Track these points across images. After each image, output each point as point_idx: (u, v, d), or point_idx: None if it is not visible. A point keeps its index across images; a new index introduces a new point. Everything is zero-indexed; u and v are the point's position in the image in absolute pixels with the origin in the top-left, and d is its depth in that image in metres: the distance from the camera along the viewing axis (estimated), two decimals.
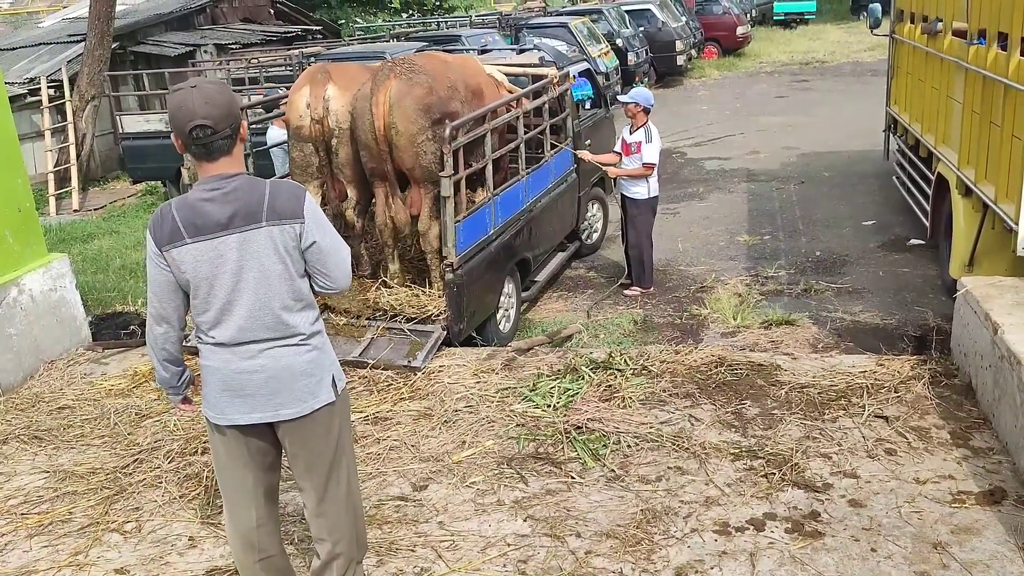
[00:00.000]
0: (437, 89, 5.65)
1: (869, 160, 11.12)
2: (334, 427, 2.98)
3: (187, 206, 2.75)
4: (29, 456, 4.81)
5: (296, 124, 5.88)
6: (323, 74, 5.89)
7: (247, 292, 2.77)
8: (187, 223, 2.73)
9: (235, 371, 2.84)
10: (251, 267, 2.76)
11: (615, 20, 19.04)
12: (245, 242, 2.74)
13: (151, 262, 2.82)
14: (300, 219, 2.78)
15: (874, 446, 4.29)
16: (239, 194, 2.74)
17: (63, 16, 21.84)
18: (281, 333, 2.84)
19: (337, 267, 2.91)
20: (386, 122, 5.50)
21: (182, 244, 2.73)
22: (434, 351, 5.56)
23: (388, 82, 5.55)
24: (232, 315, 2.79)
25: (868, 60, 21.53)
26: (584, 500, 4.03)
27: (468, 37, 14.40)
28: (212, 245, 2.73)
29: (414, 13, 26.15)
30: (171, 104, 2.69)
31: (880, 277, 7.44)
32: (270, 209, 2.75)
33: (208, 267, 2.74)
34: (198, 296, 2.80)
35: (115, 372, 5.85)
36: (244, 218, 2.73)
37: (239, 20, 20.12)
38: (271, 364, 2.83)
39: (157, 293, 2.85)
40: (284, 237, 2.77)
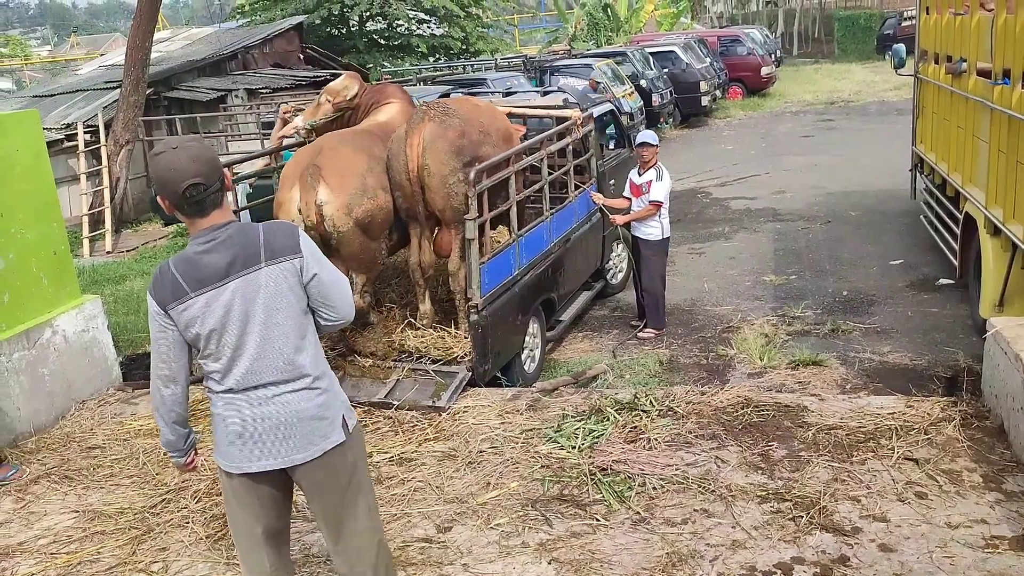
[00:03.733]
0: (469, 132, 5.78)
1: (896, 199, 11.07)
2: (346, 466, 2.99)
3: (185, 261, 2.78)
4: (59, 496, 4.87)
5: None
6: (313, 174, 5.44)
7: (254, 335, 2.79)
8: (188, 278, 2.75)
9: (245, 418, 2.86)
10: (257, 309, 2.78)
11: (639, 62, 19.21)
12: (248, 285, 2.77)
13: (155, 323, 2.83)
14: (298, 254, 2.82)
15: (904, 489, 4.22)
16: (234, 240, 2.78)
17: (100, 63, 22.45)
18: (289, 375, 2.85)
19: (340, 298, 2.93)
20: (419, 163, 5.62)
21: (187, 299, 2.76)
22: (459, 392, 5.58)
23: (423, 125, 5.68)
24: (240, 363, 2.81)
25: (893, 99, 21.52)
26: (609, 543, 4.00)
27: (493, 80, 14.61)
28: (216, 294, 2.75)
29: (440, 57, 26.56)
30: (159, 167, 2.72)
31: (909, 317, 7.37)
32: (267, 249, 2.79)
33: (216, 318, 2.76)
34: (208, 348, 2.81)
35: (144, 412, 5.91)
36: (243, 262, 2.76)
37: (269, 65, 20.56)
38: (281, 411, 2.85)
39: (163, 354, 2.85)
40: (285, 274, 2.80)
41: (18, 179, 5.81)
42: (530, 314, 6.45)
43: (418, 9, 25.95)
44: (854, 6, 45.20)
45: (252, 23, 25.61)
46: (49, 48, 62.47)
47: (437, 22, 27.23)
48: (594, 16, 28.56)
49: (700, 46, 22.58)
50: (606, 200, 7.58)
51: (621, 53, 19.51)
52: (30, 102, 17.16)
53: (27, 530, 4.54)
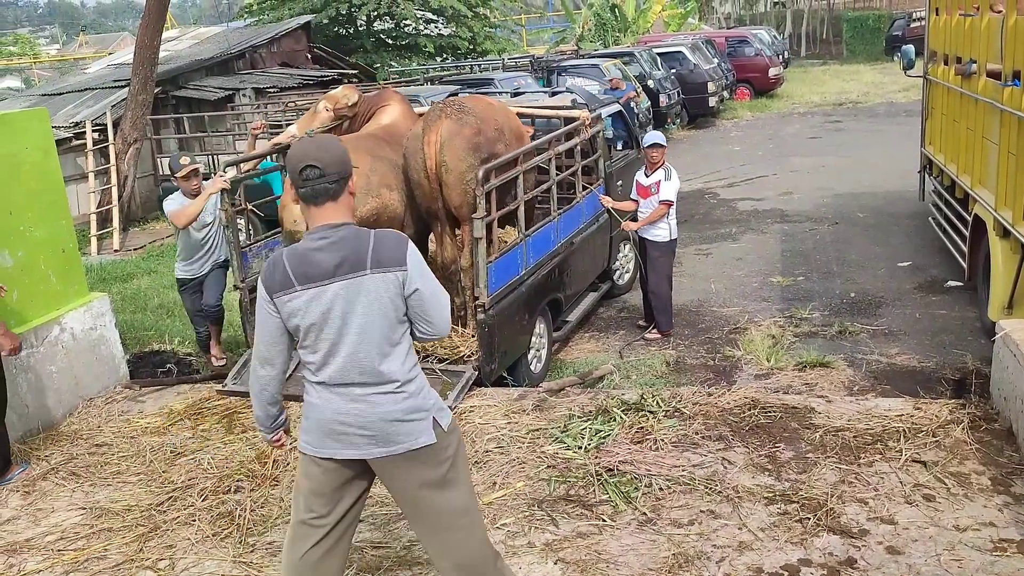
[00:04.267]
0: (485, 130, 5.81)
1: (904, 201, 11.03)
2: (437, 464, 3.02)
3: (297, 256, 2.90)
4: (67, 492, 4.88)
5: (289, 228, 5.72)
6: None
7: (350, 336, 2.89)
8: (297, 272, 2.88)
9: (334, 411, 2.95)
10: (355, 313, 2.88)
11: (647, 62, 19.19)
12: (350, 289, 2.87)
13: (261, 308, 2.97)
14: (403, 267, 2.91)
15: (912, 491, 4.21)
16: (346, 243, 2.89)
17: (108, 62, 22.52)
18: (378, 379, 2.93)
19: (438, 314, 3.00)
20: (437, 160, 5.64)
21: (292, 291, 2.88)
22: (465, 391, 5.57)
23: (440, 122, 5.70)
24: (335, 358, 2.92)
25: (902, 101, 21.46)
26: (615, 543, 3.99)
27: (501, 80, 14.61)
28: (320, 292, 2.86)
29: (448, 57, 26.57)
30: (289, 152, 2.94)
31: (917, 319, 7.35)
32: (375, 258, 2.88)
33: (316, 313, 2.88)
34: (306, 340, 2.93)
35: (151, 410, 5.93)
36: (351, 266, 2.87)
37: (277, 65, 20.59)
38: (368, 410, 2.94)
39: (264, 337, 2.99)
40: (387, 284, 2.89)
41: (27, 177, 5.83)
42: (537, 314, 6.44)
43: (425, 9, 25.96)
44: (863, 7, 45.08)
45: (260, 22, 25.65)
46: (58, 47, 62.66)
47: (444, 22, 27.24)
48: (601, 16, 28.54)
49: (708, 47, 22.55)
50: (614, 203, 7.57)
51: (628, 53, 19.50)
52: (39, 100, 17.23)
53: (34, 527, 4.55)
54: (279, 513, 4.44)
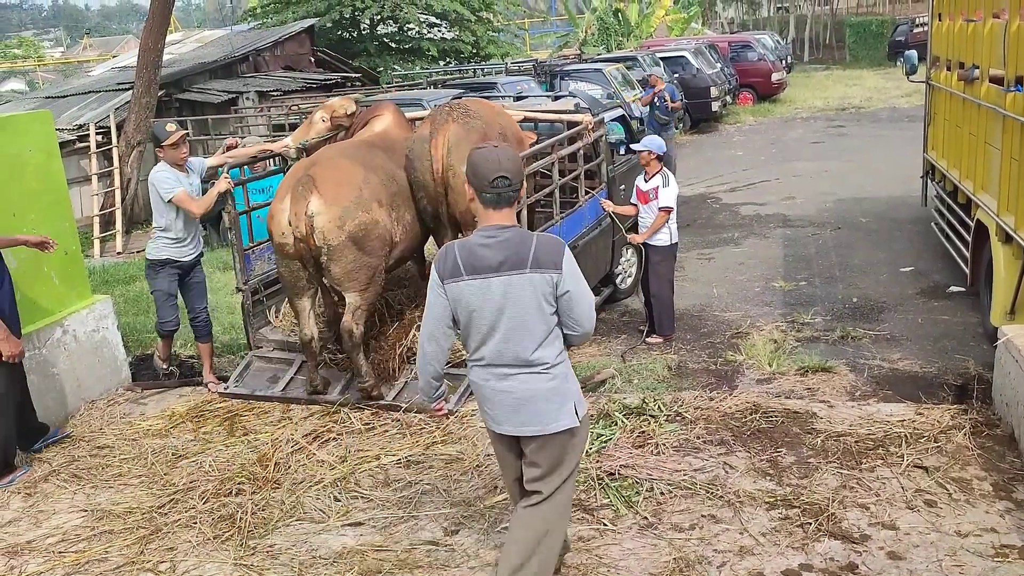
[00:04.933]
0: (490, 134, 5.80)
1: (907, 206, 11.02)
2: (568, 449, 3.40)
3: (467, 249, 3.29)
4: (68, 494, 4.89)
5: (278, 241, 5.46)
6: (306, 184, 5.29)
7: (504, 325, 3.26)
8: (466, 263, 3.26)
9: (491, 389, 3.37)
10: (511, 305, 3.24)
11: (650, 67, 19.19)
12: (510, 284, 3.23)
13: (432, 291, 3.36)
14: (559, 270, 3.24)
15: (913, 497, 4.21)
16: (510, 243, 3.25)
17: (112, 65, 22.59)
18: (528, 363, 3.30)
19: (584, 314, 3.33)
20: (444, 164, 5.65)
21: (460, 279, 3.27)
22: (467, 395, 5.57)
23: (447, 126, 5.72)
24: (490, 343, 3.30)
25: (905, 106, 21.45)
26: (616, 548, 3.99)
27: (504, 84, 14.62)
28: (484, 283, 3.24)
29: (451, 61, 26.61)
30: (478, 158, 3.29)
31: (919, 324, 7.33)
32: (534, 259, 3.22)
33: (477, 300, 3.26)
34: (469, 324, 3.32)
35: (153, 412, 5.94)
36: (513, 264, 3.22)
37: (280, 68, 20.63)
38: (519, 387, 3.31)
39: (433, 317, 3.38)
40: (543, 284, 3.23)
41: (30, 179, 5.85)
42: None
43: (429, 13, 26.01)
44: (866, 12, 45.13)
45: (263, 26, 25.73)
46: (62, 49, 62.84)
47: (448, 26, 27.28)
48: (605, 21, 28.58)
49: (711, 51, 22.56)
50: (615, 207, 7.57)
51: (632, 58, 19.51)
52: (43, 103, 17.28)
53: (36, 528, 4.56)
54: (280, 516, 4.44)
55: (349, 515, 4.42)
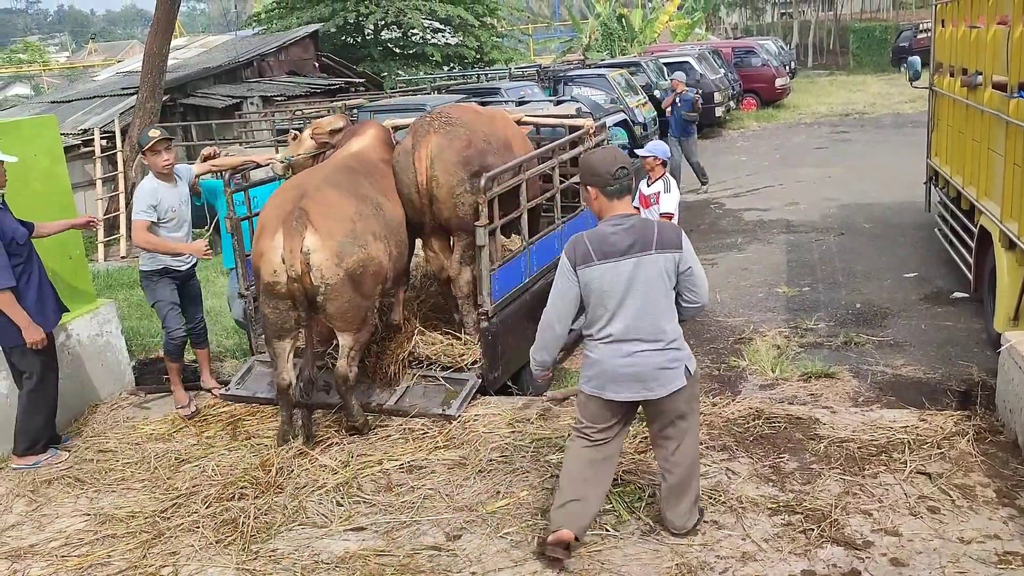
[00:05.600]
0: (475, 142, 5.74)
1: (910, 212, 11.02)
2: (686, 401, 3.86)
3: (598, 236, 3.71)
4: (71, 498, 4.89)
5: (268, 280, 4.99)
6: (300, 219, 4.90)
7: (633, 303, 3.69)
8: (596, 249, 3.68)
9: (615, 364, 3.74)
10: (640, 283, 3.68)
11: (653, 72, 19.23)
12: (639, 265, 3.67)
13: (563, 277, 3.75)
14: (680, 250, 3.73)
15: (916, 503, 4.20)
16: (636, 229, 3.71)
17: (117, 70, 22.66)
18: (654, 337, 3.72)
19: (702, 287, 3.83)
20: (428, 175, 5.62)
21: (592, 264, 3.68)
22: (469, 399, 5.58)
23: (428, 137, 5.66)
24: (617, 320, 3.71)
25: (909, 112, 21.45)
26: (619, 553, 3.98)
27: (507, 89, 14.65)
28: (614, 266, 3.67)
29: (455, 66, 26.66)
30: (594, 159, 3.78)
31: (923, 330, 7.33)
32: (659, 241, 3.69)
33: (608, 283, 3.67)
34: (597, 304, 3.71)
35: (156, 417, 5.95)
36: (639, 247, 3.68)
37: (284, 73, 20.69)
38: (642, 362, 3.73)
39: (563, 300, 3.78)
40: (667, 263, 3.71)
41: (35, 183, 5.87)
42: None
43: (433, 18, 26.07)
44: (869, 18, 45.16)
45: (268, 31, 25.79)
46: (67, 54, 63.07)
47: (452, 31, 27.35)
48: (608, 26, 28.64)
49: (714, 57, 22.59)
50: None
51: (635, 63, 19.55)
52: (48, 107, 17.34)
53: (39, 532, 4.56)
54: (283, 520, 4.44)
55: (351, 520, 4.42)
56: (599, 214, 3.82)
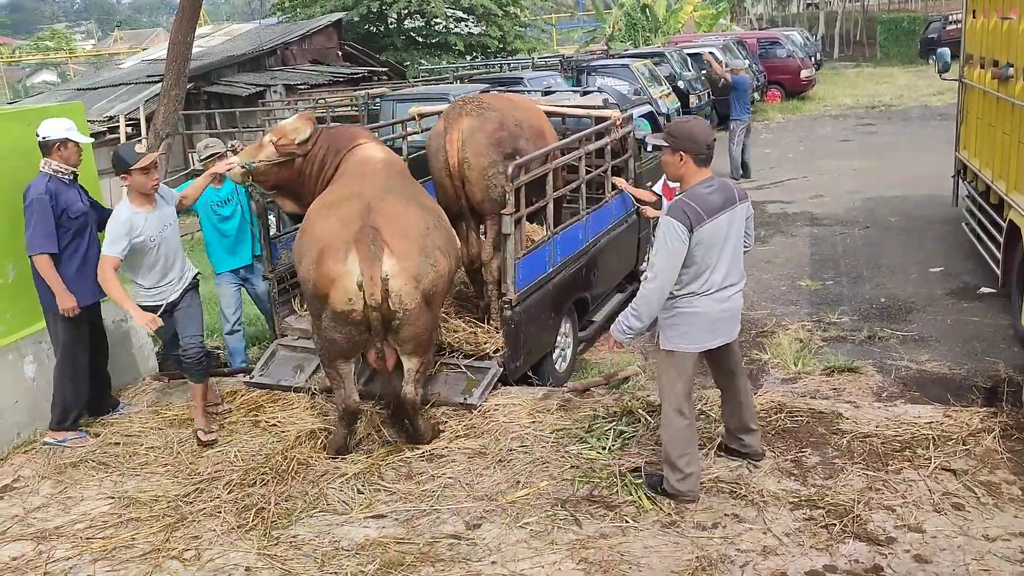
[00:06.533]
0: (507, 125, 5.80)
1: (937, 205, 10.88)
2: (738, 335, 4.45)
3: (699, 198, 4.04)
4: (96, 481, 4.95)
5: (342, 308, 4.66)
6: (375, 241, 4.61)
7: (728, 251, 4.11)
8: (704, 209, 4.00)
9: (715, 312, 4.15)
10: (733, 234, 4.12)
11: (677, 63, 19.08)
12: (732, 217, 4.10)
13: (676, 241, 3.97)
14: (747, 200, 4.25)
15: (941, 500, 4.16)
16: (722, 187, 4.14)
17: (142, 58, 22.80)
18: (739, 279, 4.23)
19: (753, 231, 4.39)
20: (459, 158, 5.65)
21: (703, 223, 3.99)
22: (490, 388, 5.57)
23: (460, 120, 5.72)
24: (718, 270, 4.10)
25: (937, 104, 21.17)
26: (639, 544, 3.97)
27: (530, 79, 14.60)
28: (715, 222, 4.03)
29: (478, 56, 26.60)
30: (694, 128, 4.10)
31: (948, 326, 7.24)
32: (739, 194, 4.18)
33: (714, 236, 4.03)
34: (703, 259, 4.04)
35: (179, 402, 5.99)
36: (729, 201, 4.10)
37: (308, 62, 20.73)
38: (734, 305, 4.24)
39: (674, 263, 4.02)
40: (744, 211, 4.20)
41: None
42: (563, 313, 6.43)
43: (456, 7, 26.01)
44: (897, 9, 44.53)
45: (292, 19, 25.85)
46: (93, 42, 63.54)
47: (475, 20, 27.28)
48: (632, 16, 28.42)
49: (739, 48, 22.37)
50: (631, 188, 7.49)
51: (659, 54, 19.39)
52: (74, 94, 17.49)
53: (64, 514, 4.62)
54: (304, 507, 4.47)
55: (372, 507, 4.44)
56: (682, 178, 4.15)
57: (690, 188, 4.08)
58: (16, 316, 5.60)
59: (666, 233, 3.99)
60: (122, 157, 5.21)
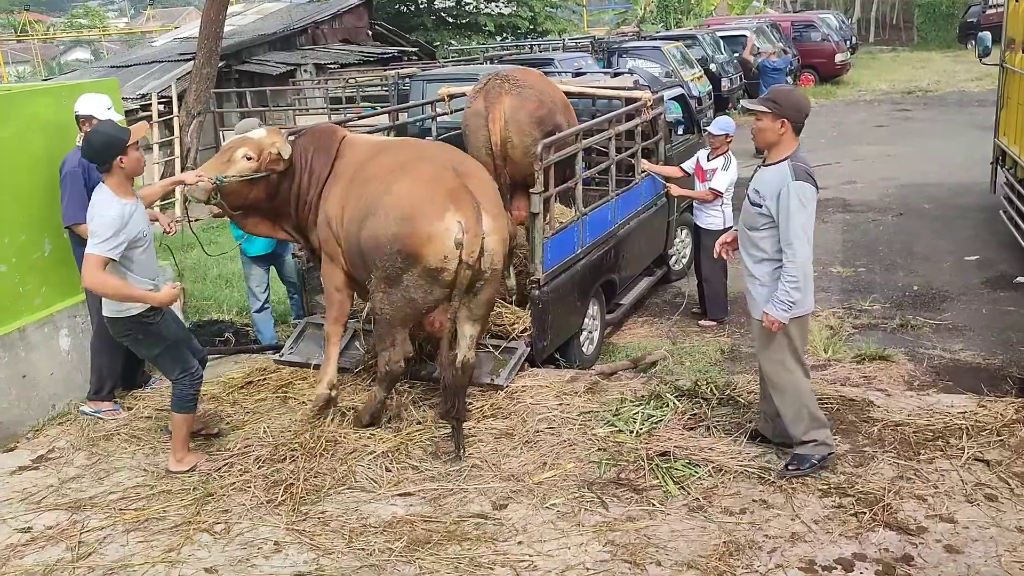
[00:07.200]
0: (545, 102, 5.86)
1: (974, 193, 10.70)
2: None
3: (806, 163, 4.19)
4: (128, 454, 5.01)
5: (436, 265, 4.53)
6: (470, 198, 4.54)
7: None
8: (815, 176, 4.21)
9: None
10: None
11: (709, 46, 18.88)
12: None
13: (812, 202, 4.15)
14: None
15: (973, 490, 4.10)
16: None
17: (174, 36, 22.91)
18: None
19: None
20: (502, 137, 5.68)
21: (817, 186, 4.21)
22: (517, 369, 5.57)
23: (502, 99, 5.75)
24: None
25: (975, 90, 20.79)
26: (665, 528, 3.97)
27: (561, 60, 14.50)
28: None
29: (508, 36, 26.47)
30: (802, 101, 4.22)
31: (983, 315, 7.13)
32: None
33: None
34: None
35: (209, 378, 6.01)
36: None
37: (338, 41, 20.74)
38: None
39: (813, 226, 4.25)
40: None
41: None
42: (591, 295, 6.41)
43: None
44: None
45: None
46: (126, 20, 63.87)
47: (505, 1, 27.13)
48: None
49: (773, 31, 22.09)
50: (656, 168, 7.42)
51: (691, 36, 19.22)
52: (107, 72, 17.61)
53: (98, 485, 4.69)
54: (332, 483, 4.50)
55: (400, 485, 4.47)
56: (776, 145, 4.21)
57: (795, 154, 4.16)
58: (52, 289, 5.68)
59: (802, 196, 4.07)
60: (112, 135, 4.39)
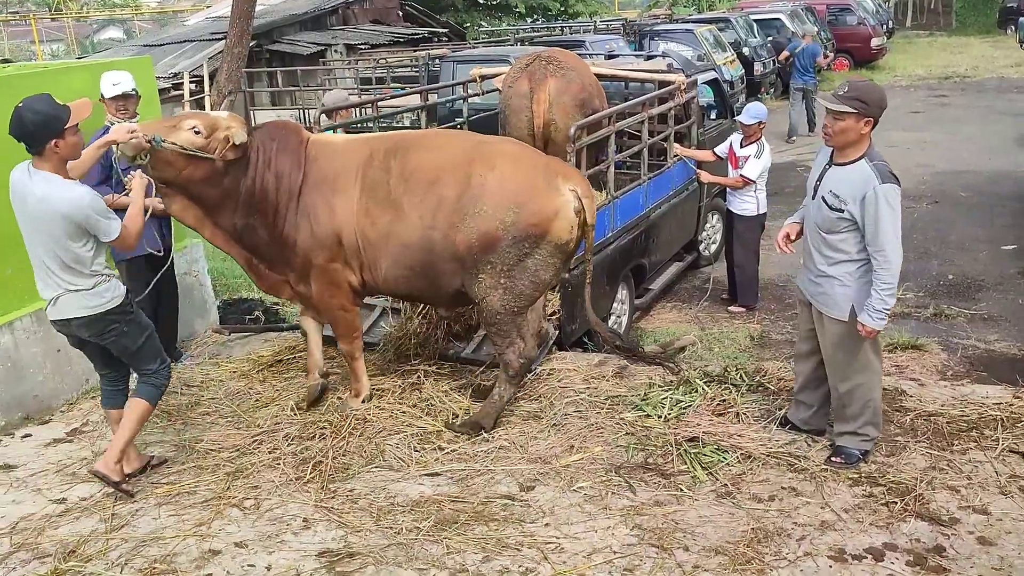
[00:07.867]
0: (587, 85, 5.90)
1: (1011, 181, 10.52)
2: None
3: (886, 161, 4.15)
4: (159, 429, 5.07)
5: (567, 238, 4.50)
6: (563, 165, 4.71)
7: None
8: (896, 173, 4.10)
9: None
10: None
11: (742, 29, 18.64)
12: None
13: (899, 203, 4.10)
14: None
15: (1008, 482, 4.05)
16: None
17: (206, 15, 23.02)
18: None
19: None
20: (545, 119, 5.72)
21: None
22: (546, 352, 5.56)
23: (547, 81, 5.77)
24: None
25: (1014, 76, 20.37)
26: (693, 514, 3.95)
27: (592, 42, 14.39)
28: None
29: (539, 18, 26.31)
30: (881, 94, 4.12)
31: (1019, 305, 7.02)
32: None
33: None
34: None
35: (239, 355, 6.10)
36: None
37: (368, 21, 20.73)
38: None
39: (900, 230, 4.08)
40: None
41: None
42: (620, 279, 6.38)
43: None
44: None
45: None
46: None
47: None
48: None
49: (807, 14, 21.75)
50: (688, 151, 7.36)
51: (724, 19, 18.98)
52: (140, 51, 17.75)
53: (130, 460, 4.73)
54: (361, 462, 4.53)
55: (428, 465, 4.48)
56: (855, 144, 4.13)
57: (871, 151, 4.13)
58: None
59: (891, 199, 4.00)
60: (49, 114, 3.86)
